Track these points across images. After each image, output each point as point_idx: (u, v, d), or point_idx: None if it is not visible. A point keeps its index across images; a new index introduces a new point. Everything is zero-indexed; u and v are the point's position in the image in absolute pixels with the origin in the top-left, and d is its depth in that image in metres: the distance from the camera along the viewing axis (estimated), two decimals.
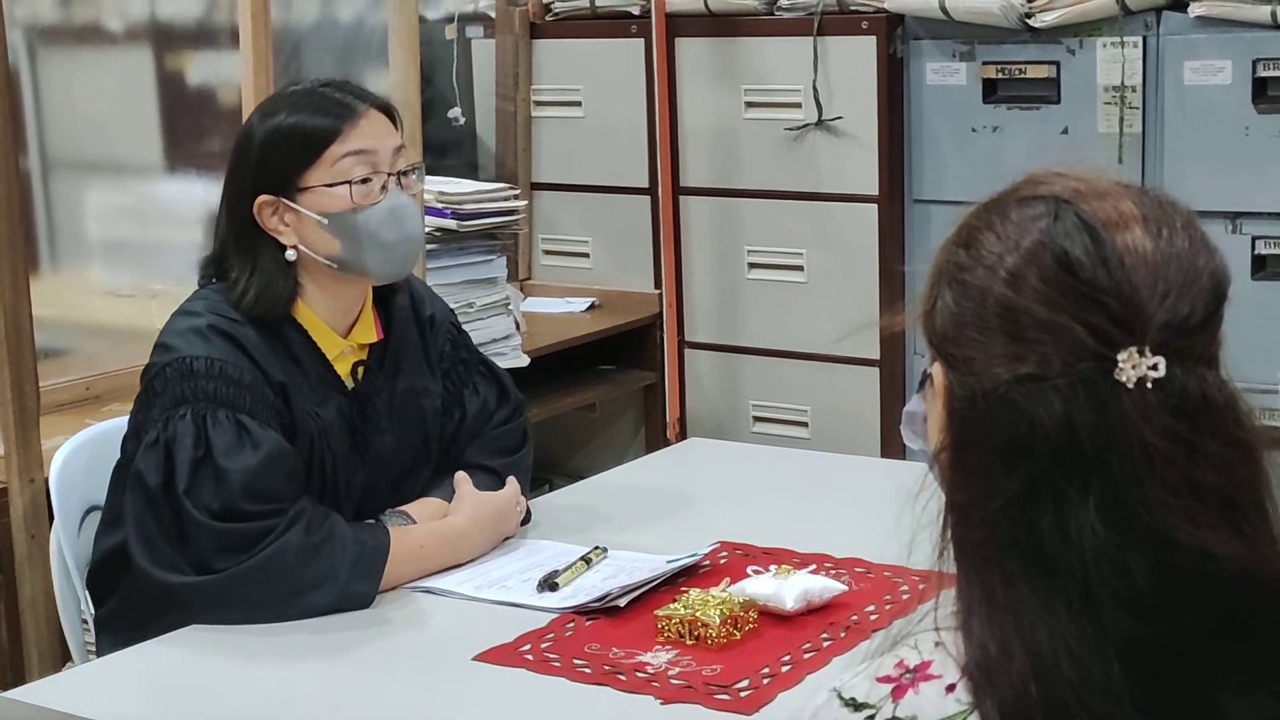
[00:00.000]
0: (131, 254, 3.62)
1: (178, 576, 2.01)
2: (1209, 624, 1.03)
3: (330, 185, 2.12)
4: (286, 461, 2.07)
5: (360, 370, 2.22)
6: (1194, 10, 3.41)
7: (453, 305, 2.44)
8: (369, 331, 2.23)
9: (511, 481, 2.27)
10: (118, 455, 2.19)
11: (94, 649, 2.24)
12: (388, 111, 2.19)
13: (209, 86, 3.67)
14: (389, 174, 2.15)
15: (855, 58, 3.80)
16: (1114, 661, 1.02)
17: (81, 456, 2.34)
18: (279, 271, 2.14)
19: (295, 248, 2.14)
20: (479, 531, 2.20)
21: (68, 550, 2.27)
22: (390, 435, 2.24)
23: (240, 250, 2.15)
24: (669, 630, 1.90)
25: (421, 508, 2.22)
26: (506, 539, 2.25)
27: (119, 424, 2.29)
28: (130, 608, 2.12)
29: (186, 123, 3.64)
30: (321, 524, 2.04)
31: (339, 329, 2.20)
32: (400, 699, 1.83)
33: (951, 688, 1.05)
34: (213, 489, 2.01)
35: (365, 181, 2.13)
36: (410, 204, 2.19)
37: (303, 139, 2.12)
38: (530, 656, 1.88)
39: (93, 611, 2.24)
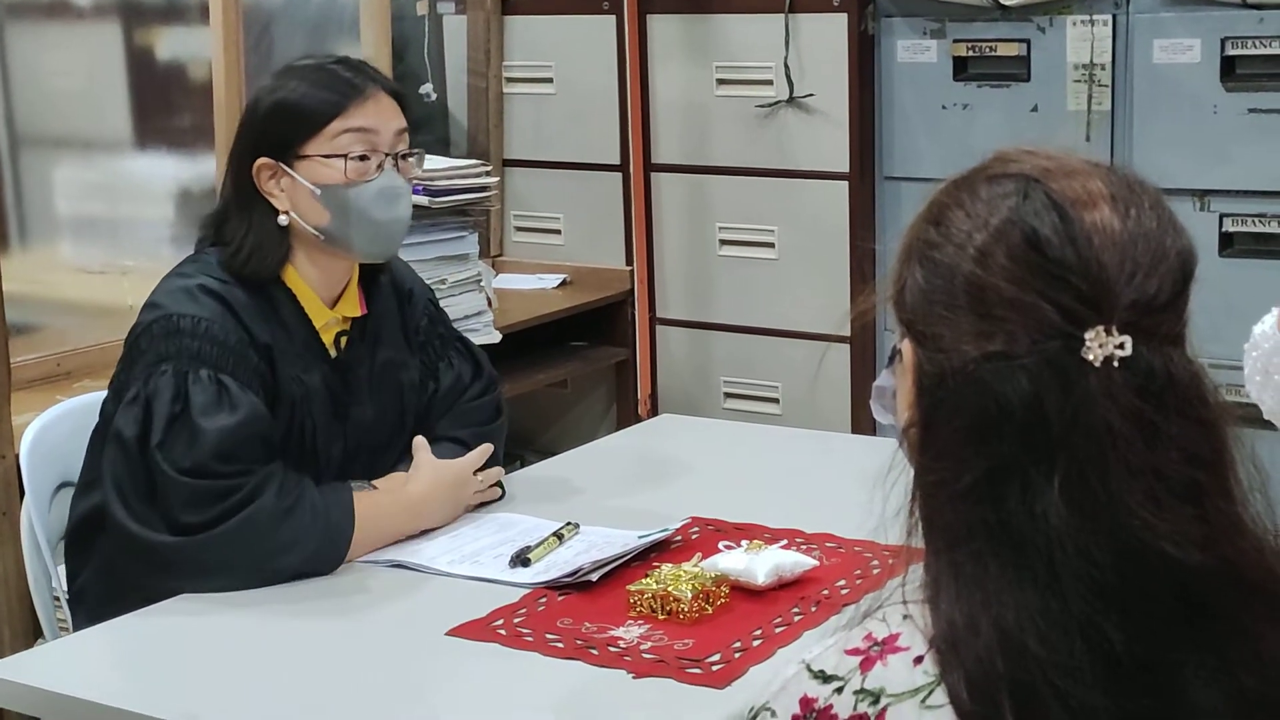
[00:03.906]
0: (102, 230, 3.60)
1: (154, 535, 2.02)
2: (1169, 606, 1.04)
3: (327, 157, 2.15)
4: (261, 425, 2.08)
5: (343, 340, 2.24)
6: None
7: (425, 281, 2.46)
8: (354, 305, 2.26)
9: (480, 449, 2.28)
10: (89, 431, 2.20)
11: (66, 625, 2.24)
12: (396, 95, 2.22)
13: (179, 62, 3.65)
14: (387, 155, 2.18)
15: (826, 35, 3.80)
16: (1078, 638, 1.03)
17: (52, 433, 2.34)
18: (273, 233, 2.17)
19: (288, 213, 2.17)
20: (437, 498, 2.22)
21: (39, 527, 2.27)
22: (370, 406, 2.26)
23: (239, 210, 2.19)
24: (641, 605, 1.91)
25: (388, 482, 2.23)
26: (469, 508, 2.26)
27: (90, 400, 2.29)
28: (104, 576, 2.13)
29: (156, 99, 3.62)
30: (293, 489, 2.06)
31: (326, 299, 2.23)
32: (374, 674, 1.84)
33: (919, 660, 1.06)
34: (185, 445, 2.03)
35: (363, 159, 2.16)
36: (404, 186, 2.21)
37: (308, 110, 2.16)
38: (503, 631, 1.89)
39: (65, 588, 2.24)
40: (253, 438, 2.07)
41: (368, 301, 2.29)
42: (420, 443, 2.26)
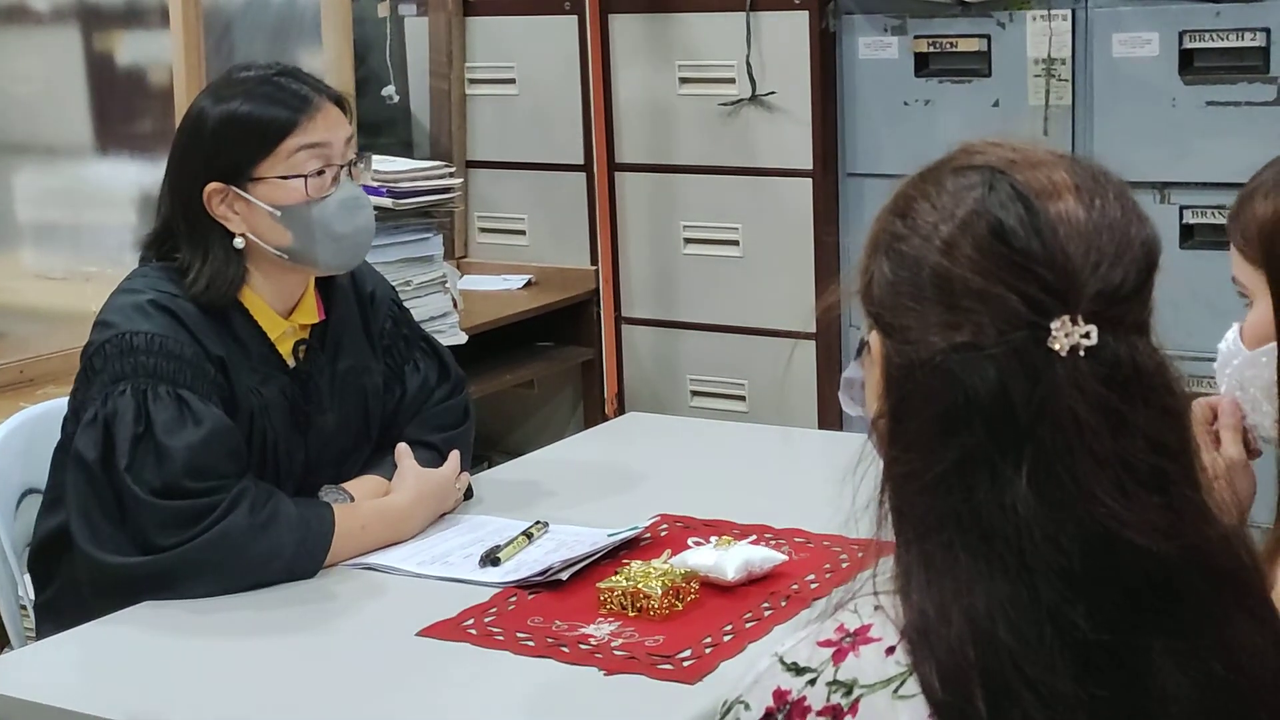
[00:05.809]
0: (63, 236, 3.59)
1: (121, 558, 2.00)
2: (1137, 594, 1.05)
3: (285, 178, 2.11)
4: (228, 438, 2.06)
5: (302, 350, 2.22)
6: None
7: (388, 282, 2.45)
8: (311, 312, 2.23)
9: (453, 457, 2.28)
10: (53, 438, 2.18)
11: (33, 634, 2.23)
12: (340, 102, 2.18)
13: (139, 67, 3.63)
14: (340, 166, 2.15)
15: (788, 32, 3.81)
16: (1047, 627, 1.03)
17: (16, 440, 2.32)
18: (229, 259, 2.13)
19: (244, 236, 2.13)
20: (421, 509, 2.21)
21: (4, 534, 2.26)
22: (332, 414, 2.24)
23: (190, 237, 2.14)
24: (611, 602, 1.91)
25: (361, 485, 2.22)
26: (445, 514, 2.25)
27: (54, 406, 2.28)
28: (72, 592, 2.11)
29: (117, 103, 3.61)
30: (266, 503, 2.04)
31: (281, 311, 2.20)
32: (345, 675, 1.83)
33: (891, 650, 1.07)
34: (154, 466, 2.01)
35: (319, 174, 2.13)
36: (362, 195, 2.19)
37: (258, 129, 2.10)
38: (474, 631, 1.89)
39: (32, 597, 2.23)
40: (221, 451, 2.04)
41: (327, 306, 2.25)
42: (404, 450, 2.24)
